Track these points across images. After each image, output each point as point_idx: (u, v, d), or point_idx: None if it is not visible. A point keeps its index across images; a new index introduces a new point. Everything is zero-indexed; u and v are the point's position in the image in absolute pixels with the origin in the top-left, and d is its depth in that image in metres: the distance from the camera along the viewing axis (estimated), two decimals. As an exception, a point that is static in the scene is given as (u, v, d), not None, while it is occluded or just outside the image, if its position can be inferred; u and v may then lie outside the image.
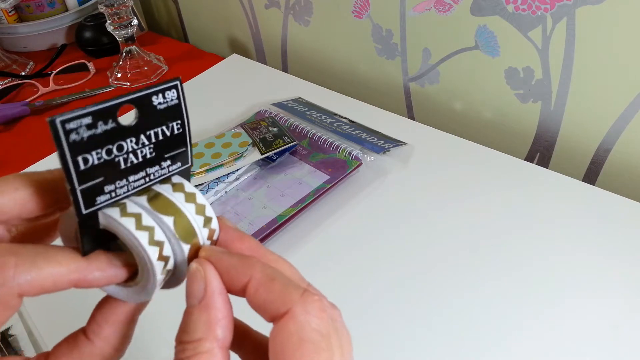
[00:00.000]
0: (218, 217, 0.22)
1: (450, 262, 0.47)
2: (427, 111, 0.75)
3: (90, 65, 0.83)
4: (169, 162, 0.21)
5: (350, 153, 0.57)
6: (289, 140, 0.58)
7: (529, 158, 0.67)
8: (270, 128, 0.61)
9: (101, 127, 0.18)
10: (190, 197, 0.20)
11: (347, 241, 0.50)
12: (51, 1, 0.91)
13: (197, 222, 0.20)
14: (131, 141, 0.19)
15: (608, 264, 0.45)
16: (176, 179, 0.21)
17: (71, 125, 0.18)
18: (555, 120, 0.61)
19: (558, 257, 0.46)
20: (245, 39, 0.93)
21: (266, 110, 0.66)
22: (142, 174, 0.20)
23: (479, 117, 0.69)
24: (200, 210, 0.20)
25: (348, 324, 0.40)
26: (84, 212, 0.19)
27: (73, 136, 0.18)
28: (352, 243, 0.50)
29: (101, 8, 0.75)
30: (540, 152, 0.65)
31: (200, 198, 0.21)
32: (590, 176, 0.62)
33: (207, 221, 0.21)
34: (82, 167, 0.18)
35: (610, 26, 0.52)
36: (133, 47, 0.80)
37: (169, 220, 0.19)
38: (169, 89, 0.20)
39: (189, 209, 0.20)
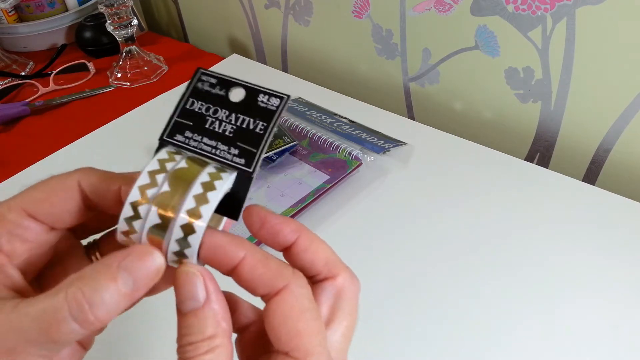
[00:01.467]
0: (255, 206, 0.23)
1: (450, 262, 0.47)
2: (427, 111, 0.75)
3: (90, 65, 0.83)
4: (237, 152, 0.23)
5: (350, 153, 0.57)
6: (289, 140, 0.58)
7: (529, 158, 0.67)
8: (270, 128, 0.61)
9: (216, 90, 0.24)
10: (201, 199, 0.21)
11: (347, 241, 0.50)
12: (51, 1, 0.91)
13: (185, 209, 0.21)
14: (225, 112, 0.23)
15: (608, 264, 0.45)
16: (222, 181, 0.22)
17: (204, 77, 0.24)
18: (555, 120, 0.61)
19: (558, 257, 0.46)
20: (245, 39, 0.93)
21: (266, 110, 0.66)
22: (214, 143, 0.23)
23: (479, 117, 0.69)
24: (193, 213, 0.21)
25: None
26: (164, 137, 0.23)
27: (199, 84, 0.24)
28: (352, 243, 0.50)
29: (101, 8, 0.75)
30: (540, 152, 0.65)
31: (206, 210, 0.21)
32: (590, 176, 0.62)
33: (187, 228, 0.21)
34: (188, 106, 0.24)
35: (610, 26, 0.52)
36: (133, 47, 0.80)
37: (165, 188, 0.21)
38: (276, 96, 0.23)
39: (189, 198, 0.21)
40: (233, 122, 0.23)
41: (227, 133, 0.23)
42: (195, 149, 0.23)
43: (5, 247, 0.21)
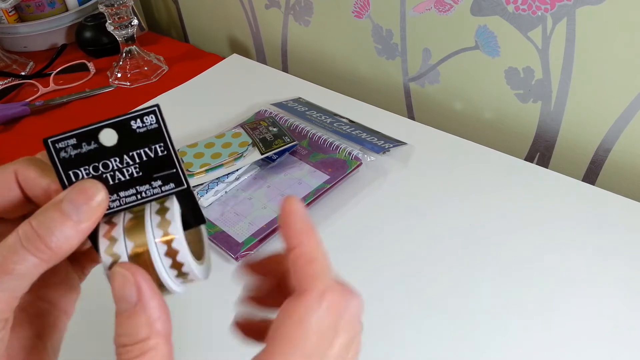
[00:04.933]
0: (290, 200, 0.23)
1: (449, 262, 0.47)
2: (427, 111, 0.75)
3: (90, 65, 0.83)
4: (159, 182, 0.22)
5: (350, 153, 0.57)
6: (289, 140, 0.58)
7: (529, 158, 0.67)
8: (270, 128, 0.61)
9: (85, 147, 0.22)
10: (164, 224, 0.22)
11: (347, 241, 0.50)
12: (51, 1, 0.91)
13: (156, 248, 0.21)
14: (115, 160, 0.22)
15: (608, 264, 0.45)
16: (169, 202, 0.22)
17: (59, 145, 0.22)
18: (555, 120, 0.61)
19: (558, 257, 0.46)
20: (245, 39, 0.93)
21: (266, 110, 0.66)
22: (133, 190, 0.22)
23: (479, 117, 0.69)
24: (166, 239, 0.21)
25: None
26: None
27: (62, 154, 0.22)
28: (351, 243, 0.50)
29: (101, 8, 0.75)
30: (540, 152, 0.65)
31: (174, 228, 0.21)
32: (590, 176, 0.62)
33: (170, 251, 0.21)
34: (74, 179, 0.22)
35: (610, 26, 0.52)
36: (133, 47, 0.80)
37: (129, 238, 0.21)
38: (147, 114, 0.22)
39: (154, 234, 0.21)
40: (131, 162, 0.22)
41: (135, 175, 0.22)
42: (122, 207, 0.22)
43: None
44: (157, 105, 0.22)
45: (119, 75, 0.81)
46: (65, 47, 0.89)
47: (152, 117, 0.22)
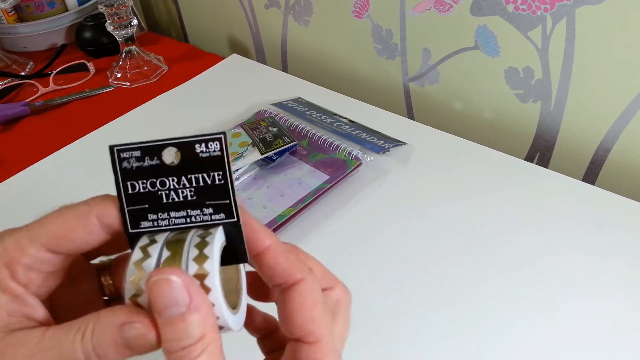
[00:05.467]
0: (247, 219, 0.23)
1: (449, 262, 0.47)
2: (427, 111, 0.75)
3: (90, 65, 0.83)
4: (211, 210, 0.22)
5: (350, 153, 0.57)
6: (288, 140, 0.58)
7: (529, 158, 0.67)
8: (270, 128, 0.61)
9: (147, 162, 0.21)
10: (200, 259, 0.21)
11: (347, 241, 0.50)
12: (51, 1, 0.91)
13: (190, 273, 0.21)
14: (173, 180, 0.22)
15: (608, 264, 0.45)
16: (212, 236, 0.21)
17: (124, 154, 0.21)
18: (555, 120, 0.61)
19: (558, 257, 0.46)
20: (245, 39, 0.93)
21: (266, 110, 0.66)
22: (183, 213, 0.22)
23: (479, 117, 0.69)
24: (201, 274, 0.20)
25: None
26: (130, 231, 0.22)
27: (125, 164, 0.22)
28: (351, 243, 0.50)
29: (101, 8, 0.75)
30: (540, 152, 0.65)
31: (210, 265, 0.20)
32: (590, 176, 0.62)
33: (202, 288, 0.21)
34: (130, 191, 0.22)
35: (610, 26, 0.52)
36: (133, 47, 0.80)
37: (163, 258, 0.21)
38: (213, 140, 0.21)
39: (189, 266, 0.21)
40: (187, 185, 0.22)
41: (189, 198, 0.22)
42: (170, 227, 0.22)
43: (23, 279, 0.22)
44: (224, 133, 0.22)
45: (119, 75, 0.81)
46: (65, 47, 0.89)
47: (216, 144, 0.21)
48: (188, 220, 0.22)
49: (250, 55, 0.94)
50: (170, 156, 0.22)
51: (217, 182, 0.22)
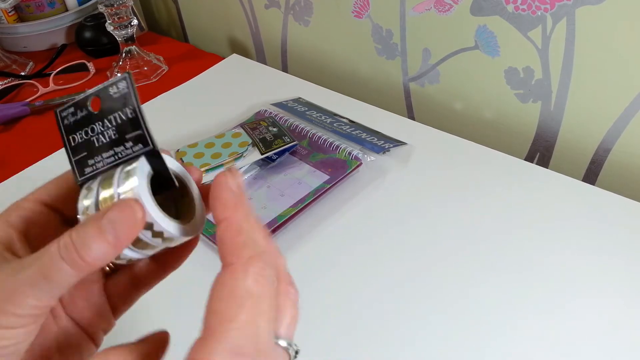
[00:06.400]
0: (223, 173, 0.25)
1: (449, 262, 0.47)
2: (427, 111, 0.75)
3: (90, 65, 0.83)
4: (131, 143, 0.24)
5: (350, 153, 0.57)
6: (289, 140, 0.58)
7: (529, 158, 0.67)
8: (270, 128, 0.61)
9: (79, 114, 0.25)
10: (126, 178, 0.24)
11: (347, 241, 0.50)
12: (51, 1, 0.91)
13: (116, 194, 0.24)
14: (99, 124, 0.25)
15: (608, 264, 0.45)
16: (136, 162, 0.24)
17: (63, 113, 0.25)
18: (555, 120, 0.61)
19: (558, 257, 0.46)
20: (245, 39, 0.93)
21: (266, 110, 0.66)
22: (111, 152, 0.25)
23: (479, 117, 0.69)
24: (126, 190, 0.24)
25: (348, 322, 0.41)
26: (79, 179, 0.25)
27: (65, 121, 0.25)
28: (351, 243, 0.50)
29: (101, 8, 0.75)
30: (540, 152, 0.65)
31: (132, 181, 0.24)
32: (590, 176, 0.62)
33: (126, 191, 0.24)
34: (72, 143, 0.25)
35: (610, 26, 0.52)
36: (133, 47, 0.80)
37: (100, 195, 0.24)
38: (120, 81, 0.24)
39: (118, 187, 0.24)
40: (109, 126, 0.25)
41: (113, 137, 0.25)
42: (105, 167, 0.25)
43: (15, 223, 0.25)
44: (129, 73, 0.24)
45: (119, 75, 0.81)
46: (65, 47, 0.89)
47: (123, 83, 0.24)
48: (116, 157, 0.25)
49: (250, 55, 0.94)
50: (95, 105, 0.25)
51: (129, 116, 0.24)
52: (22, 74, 0.84)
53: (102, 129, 0.25)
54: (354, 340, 0.41)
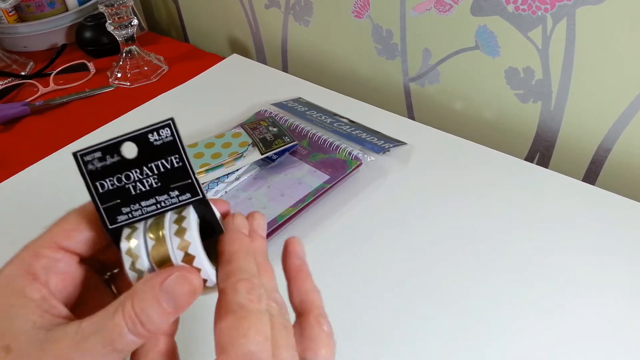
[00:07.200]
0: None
1: (450, 262, 0.47)
2: (427, 111, 0.75)
3: (90, 65, 0.83)
4: (177, 192, 0.24)
5: (350, 153, 0.57)
6: (289, 140, 0.58)
7: (529, 158, 0.67)
8: (270, 128, 0.61)
9: (109, 160, 0.23)
10: (180, 232, 0.23)
11: (347, 241, 0.50)
12: (51, 1, 0.91)
13: (175, 254, 0.23)
14: (136, 172, 0.24)
15: (608, 264, 0.45)
16: (186, 212, 0.24)
17: (87, 157, 0.24)
18: (555, 120, 0.61)
19: (558, 257, 0.46)
20: (245, 39, 0.93)
21: (266, 110, 0.66)
22: (153, 200, 0.24)
23: (479, 117, 0.69)
24: (184, 245, 0.23)
25: (348, 323, 0.41)
26: (110, 227, 0.24)
27: (90, 166, 0.24)
28: (352, 243, 0.50)
29: (101, 8, 0.75)
30: (540, 152, 0.65)
31: (189, 235, 0.23)
32: (590, 176, 0.62)
33: (187, 257, 0.23)
34: (100, 190, 0.24)
35: (610, 26, 0.52)
36: (133, 47, 0.80)
37: (150, 244, 0.23)
38: (163, 127, 0.23)
39: (172, 241, 0.23)
40: (150, 174, 0.24)
41: (154, 186, 0.24)
42: (143, 216, 0.24)
43: (44, 280, 0.24)
44: (172, 119, 0.23)
45: (119, 75, 0.81)
46: (65, 47, 0.89)
47: (167, 130, 0.23)
48: (158, 206, 0.24)
49: (251, 55, 0.94)
50: (130, 151, 0.23)
51: (175, 165, 0.23)
52: (22, 74, 0.84)
53: (141, 176, 0.24)
54: (353, 340, 0.41)
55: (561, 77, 0.58)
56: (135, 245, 0.23)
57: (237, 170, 0.56)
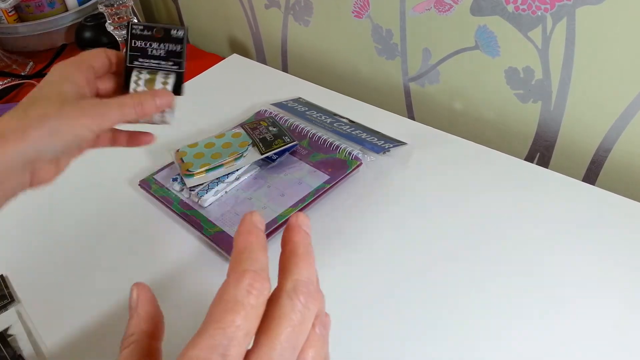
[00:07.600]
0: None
1: (450, 262, 0.47)
2: (427, 111, 0.75)
3: (90, 65, 0.83)
4: (171, 63, 0.42)
5: (350, 153, 0.57)
6: (289, 140, 0.58)
7: (529, 158, 0.67)
8: (270, 128, 0.61)
9: (146, 32, 0.42)
10: (165, 83, 0.42)
11: (347, 241, 0.50)
12: (51, 1, 0.91)
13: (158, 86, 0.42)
14: (156, 43, 0.42)
15: (608, 264, 0.45)
16: (170, 78, 0.42)
17: (134, 27, 0.42)
18: (555, 120, 0.61)
19: (558, 257, 0.46)
20: (245, 39, 0.93)
21: (266, 110, 0.66)
22: (157, 61, 0.42)
23: (479, 117, 0.69)
24: (163, 84, 0.42)
25: (348, 322, 0.41)
26: (128, 64, 0.41)
27: (133, 31, 0.42)
28: (352, 243, 0.50)
29: (101, 8, 0.75)
30: (540, 152, 0.65)
31: (169, 84, 0.42)
32: (590, 176, 0.62)
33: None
34: (133, 44, 0.42)
35: (610, 26, 0.52)
36: (133, 47, 0.80)
37: (146, 80, 0.42)
38: (180, 29, 0.41)
39: (158, 81, 0.42)
40: (163, 48, 0.42)
41: (162, 55, 0.42)
42: (147, 67, 0.42)
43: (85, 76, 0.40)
44: (187, 27, 0.36)
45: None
46: (65, 47, 0.89)
47: (182, 32, 0.41)
48: (159, 65, 0.42)
49: (250, 55, 0.94)
50: (158, 32, 0.42)
51: (177, 50, 0.42)
52: (22, 74, 0.84)
53: (157, 47, 0.41)
54: (353, 340, 0.41)
55: (561, 77, 0.58)
56: (137, 87, 0.41)
57: (237, 170, 0.56)
